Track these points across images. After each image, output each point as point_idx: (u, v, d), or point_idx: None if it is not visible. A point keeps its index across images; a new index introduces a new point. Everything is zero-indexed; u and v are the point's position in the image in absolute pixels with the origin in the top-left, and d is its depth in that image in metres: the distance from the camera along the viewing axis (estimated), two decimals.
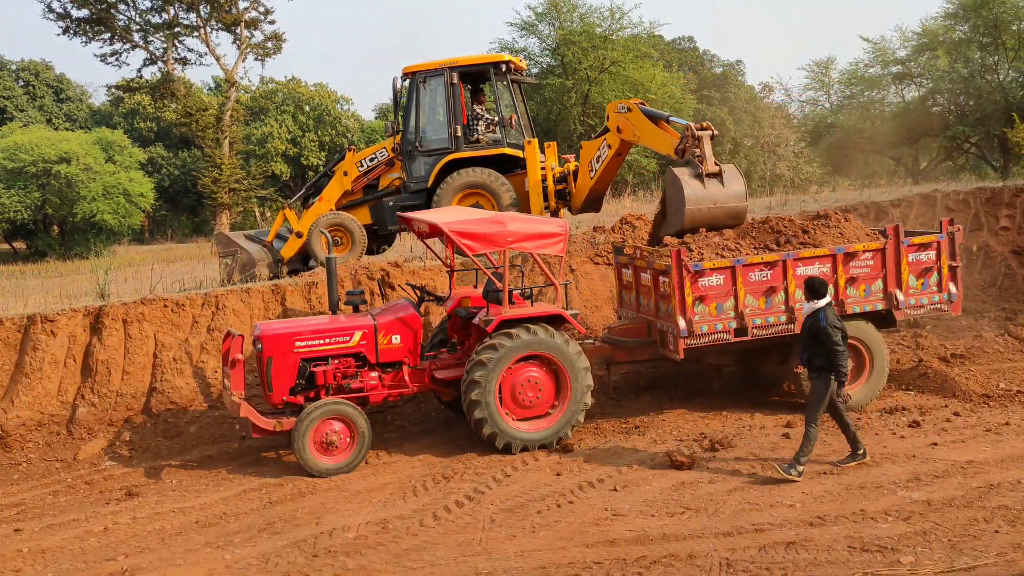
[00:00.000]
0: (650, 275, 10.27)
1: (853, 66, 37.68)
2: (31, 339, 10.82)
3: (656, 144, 11.63)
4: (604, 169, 12.64)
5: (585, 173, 12.84)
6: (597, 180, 12.81)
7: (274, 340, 9.36)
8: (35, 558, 7.33)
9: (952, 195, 15.53)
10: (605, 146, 12.52)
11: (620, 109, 12.04)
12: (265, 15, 35.15)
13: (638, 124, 11.77)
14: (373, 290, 12.08)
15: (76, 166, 29.83)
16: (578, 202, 13.17)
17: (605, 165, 12.59)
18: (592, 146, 12.76)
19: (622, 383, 11.59)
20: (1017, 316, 13.43)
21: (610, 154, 12.48)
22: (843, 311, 9.90)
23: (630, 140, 12.12)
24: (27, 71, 42.85)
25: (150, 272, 15.38)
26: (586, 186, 12.92)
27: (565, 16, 33.23)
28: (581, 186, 12.98)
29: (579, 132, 32.31)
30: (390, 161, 13.59)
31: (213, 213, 35.19)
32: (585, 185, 12.92)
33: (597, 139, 12.78)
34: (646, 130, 11.68)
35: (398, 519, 7.64)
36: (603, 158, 12.55)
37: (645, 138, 11.75)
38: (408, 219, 10.20)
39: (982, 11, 30.31)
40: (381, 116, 43.97)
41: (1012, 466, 7.91)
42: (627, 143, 12.35)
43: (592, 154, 12.70)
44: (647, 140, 11.73)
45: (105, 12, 33.68)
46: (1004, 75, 31.58)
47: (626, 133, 12.01)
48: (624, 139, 12.13)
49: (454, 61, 13.11)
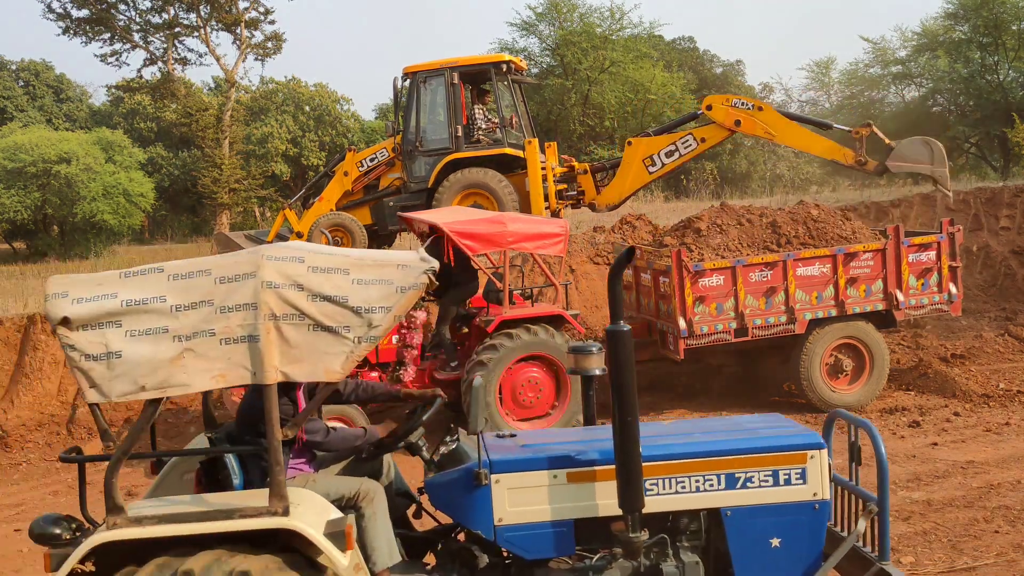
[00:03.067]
0: (650, 275, 10.27)
1: (853, 66, 37.70)
2: (31, 339, 10.82)
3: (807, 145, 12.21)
4: (677, 164, 12.81)
5: (641, 169, 12.79)
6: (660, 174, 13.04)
7: None
8: (35, 558, 7.32)
9: (952, 195, 15.54)
10: (692, 140, 12.54)
11: (738, 104, 12.21)
12: (265, 15, 35.11)
13: (772, 122, 12.09)
14: None
15: (76, 166, 29.81)
16: (615, 199, 13.14)
17: (682, 160, 12.73)
18: (660, 141, 12.73)
19: None
20: (1017, 316, 13.44)
21: (699, 149, 12.69)
22: (843, 311, 9.91)
23: (755, 134, 12.43)
24: (27, 71, 42.83)
25: None
26: (640, 182, 13.02)
27: (565, 16, 33.23)
28: (632, 181, 12.97)
29: (579, 132, 32.31)
30: (390, 161, 13.60)
31: (213, 213, 35.16)
32: (640, 180, 12.97)
33: (665, 135, 12.82)
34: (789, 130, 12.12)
35: None
36: (682, 154, 12.62)
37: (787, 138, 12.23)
38: (409, 219, 10.20)
39: (982, 11, 30.31)
40: (381, 116, 43.94)
41: (1012, 466, 7.91)
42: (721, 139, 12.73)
43: (659, 147, 12.67)
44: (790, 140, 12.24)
45: (105, 12, 33.65)
46: (1004, 75, 31.58)
47: (750, 128, 12.21)
48: (744, 132, 12.35)
49: (455, 61, 13.11)
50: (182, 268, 3.52)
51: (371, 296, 3.53)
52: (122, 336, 3.40)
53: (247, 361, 3.43)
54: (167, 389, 3.44)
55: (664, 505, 4.16)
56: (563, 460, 4.17)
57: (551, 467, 4.15)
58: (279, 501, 3.49)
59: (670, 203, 23.64)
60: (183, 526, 3.45)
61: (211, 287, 3.47)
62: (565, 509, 4.13)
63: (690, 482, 4.16)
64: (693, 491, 4.17)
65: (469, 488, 4.12)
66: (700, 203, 22.28)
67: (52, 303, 3.41)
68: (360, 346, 3.53)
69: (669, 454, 4.18)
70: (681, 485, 4.15)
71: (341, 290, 3.52)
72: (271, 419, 3.49)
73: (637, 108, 32.02)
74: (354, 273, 3.57)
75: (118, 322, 3.41)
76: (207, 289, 3.47)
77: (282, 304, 3.46)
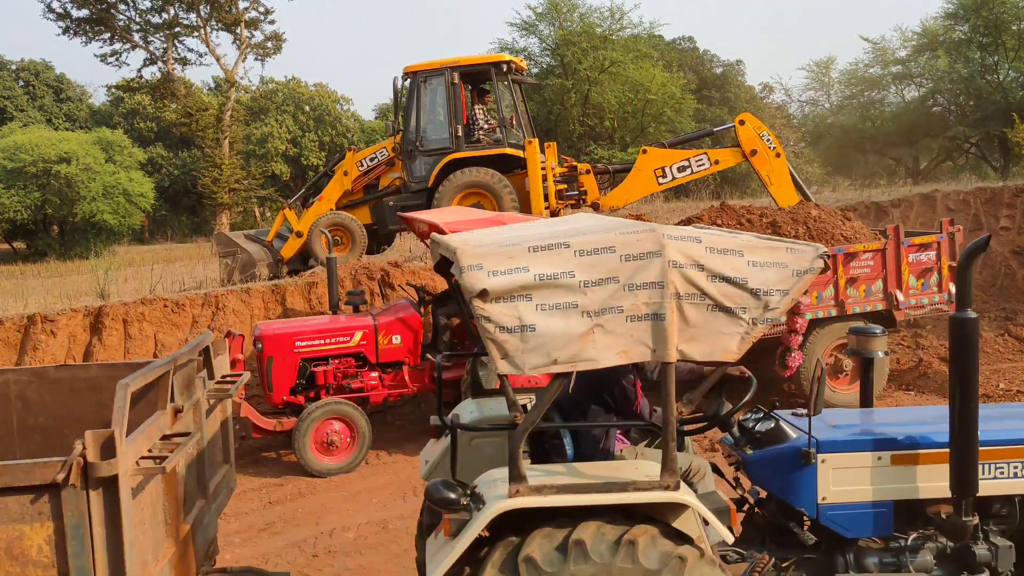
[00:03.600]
0: None
1: (853, 66, 37.75)
2: (31, 339, 10.82)
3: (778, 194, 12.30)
4: (687, 180, 12.97)
5: (651, 178, 12.90)
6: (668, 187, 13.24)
7: (275, 340, 9.37)
8: None
9: (952, 195, 15.55)
10: (706, 160, 12.67)
11: (764, 137, 12.34)
12: (265, 15, 35.15)
13: (779, 172, 12.34)
14: (373, 290, 12.08)
15: (76, 166, 29.82)
16: (620, 202, 13.30)
17: (693, 177, 12.89)
18: (675, 155, 12.87)
19: None
20: (1017, 316, 13.44)
21: (711, 169, 12.86)
22: (843, 311, 9.91)
23: (759, 171, 12.49)
24: (27, 71, 42.83)
25: (150, 272, 15.38)
26: (648, 190, 13.18)
27: (565, 16, 33.24)
28: (640, 188, 13.11)
29: (579, 132, 32.31)
30: (390, 161, 13.59)
31: (213, 213, 35.19)
32: (648, 189, 13.12)
33: (680, 150, 12.99)
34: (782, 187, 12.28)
35: (398, 519, 7.64)
36: (694, 171, 12.77)
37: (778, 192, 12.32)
38: (409, 219, 10.20)
39: (982, 11, 30.33)
40: (381, 116, 43.95)
41: None
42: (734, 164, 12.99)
43: (673, 160, 12.82)
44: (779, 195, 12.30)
45: (105, 12, 33.68)
46: (1004, 75, 31.60)
47: (760, 164, 12.35)
48: (753, 164, 12.45)
49: (455, 61, 13.11)
50: (587, 244, 3.52)
51: (768, 279, 3.57)
52: (533, 309, 3.45)
53: (649, 339, 3.50)
54: (577, 364, 3.50)
55: (986, 490, 4.24)
56: (888, 442, 4.33)
57: (876, 448, 4.31)
58: (670, 476, 3.59)
59: (670, 203, 23.63)
60: (580, 496, 3.54)
61: (616, 264, 3.49)
62: (887, 490, 4.30)
63: (1009, 468, 4.30)
64: (1011, 476, 4.30)
65: (795, 466, 4.27)
66: (700, 203, 22.30)
67: (469, 275, 3.41)
68: (755, 328, 3.60)
69: (995, 440, 4.30)
70: (1000, 471, 4.29)
71: (739, 271, 3.55)
72: (670, 397, 3.57)
73: (637, 108, 32.03)
74: (749, 255, 3.59)
75: (529, 296, 3.45)
76: (612, 266, 3.49)
77: (685, 283, 3.50)
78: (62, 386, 4.87)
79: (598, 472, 3.75)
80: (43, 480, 3.23)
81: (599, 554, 3.44)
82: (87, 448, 3.25)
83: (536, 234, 3.75)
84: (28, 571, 3.31)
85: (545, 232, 3.82)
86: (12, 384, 4.81)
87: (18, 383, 4.81)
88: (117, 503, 3.33)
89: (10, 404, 4.86)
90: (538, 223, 4.67)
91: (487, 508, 3.53)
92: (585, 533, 3.47)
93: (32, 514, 3.28)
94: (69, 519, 3.28)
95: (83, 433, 3.30)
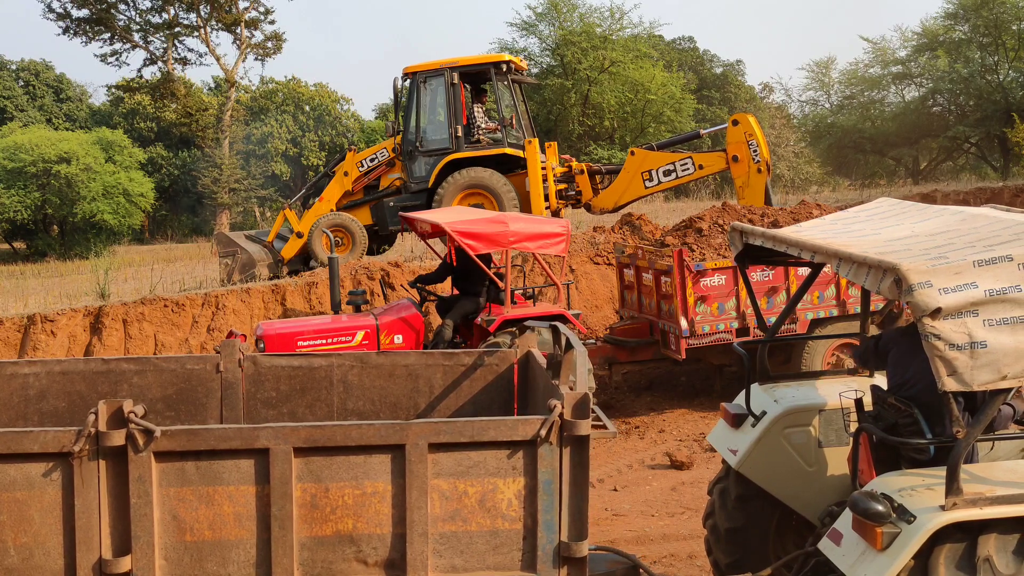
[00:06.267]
0: (652, 275, 10.27)
1: (853, 66, 37.76)
2: (31, 339, 10.81)
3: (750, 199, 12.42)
4: (673, 184, 13.12)
5: (639, 181, 12.98)
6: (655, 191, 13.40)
7: (276, 339, 9.36)
8: None
9: (952, 195, 15.57)
10: (691, 164, 12.72)
11: (752, 145, 12.39)
12: (265, 15, 35.19)
13: (754, 185, 12.41)
14: (374, 290, 12.08)
15: (76, 166, 29.80)
16: (610, 204, 13.39)
17: (678, 182, 13.03)
18: (660, 158, 12.95)
19: (623, 383, 11.58)
20: None
21: (696, 174, 12.97)
22: (844, 311, 9.91)
23: (736, 178, 12.54)
24: (27, 71, 42.79)
25: (150, 272, 15.37)
26: (636, 193, 13.25)
27: (565, 16, 33.25)
28: (628, 190, 13.19)
29: (579, 132, 32.32)
30: (391, 161, 13.60)
31: (213, 213, 35.20)
32: (636, 192, 13.20)
33: (666, 153, 13.07)
34: (752, 197, 12.38)
35: None
36: (679, 176, 12.92)
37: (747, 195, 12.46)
38: (410, 219, 10.20)
39: (982, 11, 30.35)
40: (381, 116, 43.92)
41: None
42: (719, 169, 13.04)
43: (659, 164, 12.91)
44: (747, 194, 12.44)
45: (105, 12, 33.70)
46: (1004, 75, 31.61)
47: (739, 172, 12.44)
48: (733, 171, 12.52)
49: (455, 61, 13.11)
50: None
51: None
52: (981, 325, 3.43)
53: None
54: (1022, 378, 3.48)
55: None
56: None
57: None
58: None
59: (671, 203, 23.64)
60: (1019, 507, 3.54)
61: None
62: None
63: None
64: None
65: None
66: (701, 203, 22.30)
67: (921, 293, 3.40)
68: None
69: None
70: None
71: None
72: None
73: (637, 108, 32.06)
74: None
75: (975, 311, 3.44)
76: None
77: None
78: (382, 371, 5.19)
79: (1014, 478, 3.74)
80: (523, 436, 3.47)
81: None
82: (564, 408, 3.44)
83: (964, 240, 3.73)
84: (497, 523, 3.53)
85: (967, 236, 3.79)
86: (336, 368, 5.17)
87: (341, 367, 5.17)
88: (585, 461, 3.51)
89: (332, 387, 5.19)
90: (910, 214, 4.57)
91: (928, 522, 3.52)
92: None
93: (507, 468, 3.50)
94: (542, 474, 3.48)
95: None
